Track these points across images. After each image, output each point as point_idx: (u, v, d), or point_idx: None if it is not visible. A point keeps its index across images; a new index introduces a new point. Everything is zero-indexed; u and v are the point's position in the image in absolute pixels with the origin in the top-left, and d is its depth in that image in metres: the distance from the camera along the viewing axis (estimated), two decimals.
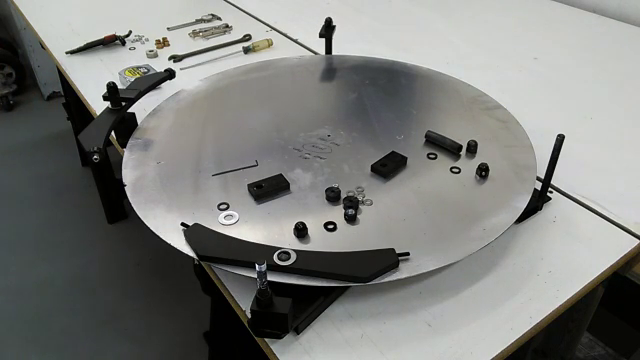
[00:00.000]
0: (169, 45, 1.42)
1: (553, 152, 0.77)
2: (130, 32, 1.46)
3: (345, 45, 1.27)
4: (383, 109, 1.03)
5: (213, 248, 0.69)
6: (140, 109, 1.00)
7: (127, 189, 0.81)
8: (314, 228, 0.73)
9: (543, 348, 1.08)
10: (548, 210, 0.87)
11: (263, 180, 0.81)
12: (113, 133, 0.96)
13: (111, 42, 1.41)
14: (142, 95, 0.98)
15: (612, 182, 0.94)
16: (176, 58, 1.34)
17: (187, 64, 1.33)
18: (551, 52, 1.39)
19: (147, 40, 1.45)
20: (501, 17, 1.63)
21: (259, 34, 1.47)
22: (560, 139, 0.75)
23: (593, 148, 1.03)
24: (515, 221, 0.76)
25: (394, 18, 1.64)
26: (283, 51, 1.40)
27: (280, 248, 0.68)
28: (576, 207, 0.88)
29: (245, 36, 1.46)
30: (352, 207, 0.75)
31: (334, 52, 1.24)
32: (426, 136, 0.92)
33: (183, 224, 0.73)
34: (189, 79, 1.15)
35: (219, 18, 1.59)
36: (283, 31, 1.52)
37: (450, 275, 0.74)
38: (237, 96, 1.08)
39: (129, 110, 0.96)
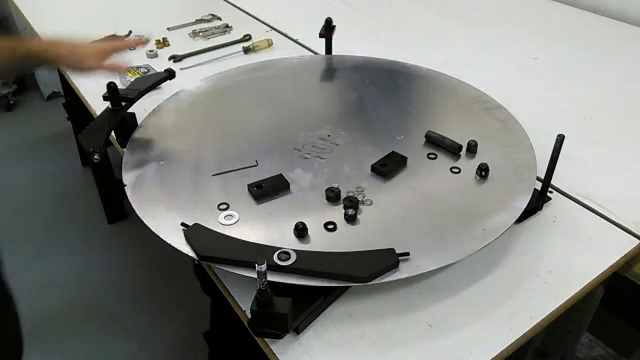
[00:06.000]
0: (169, 45, 1.42)
1: (553, 152, 0.77)
2: (130, 32, 1.46)
3: (345, 45, 1.27)
4: (383, 109, 1.03)
5: (213, 248, 0.69)
6: (140, 109, 1.00)
7: (127, 189, 0.81)
8: (314, 228, 0.73)
9: (543, 348, 1.08)
10: (548, 210, 0.87)
11: (263, 180, 0.81)
12: (113, 133, 0.96)
13: None
14: (142, 95, 0.97)
15: (612, 182, 0.94)
16: (176, 58, 1.34)
17: (187, 64, 1.33)
18: (551, 52, 1.39)
19: (147, 40, 1.44)
20: (501, 17, 1.63)
21: (259, 34, 1.47)
22: (560, 139, 0.75)
23: (593, 148, 1.02)
24: (515, 221, 0.75)
25: (394, 18, 1.64)
26: (283, 51, 1.40)
27: (280, 248, 0.68)
28: (576, 207, 0.88)
29: (245, 36, 1.46)
30: (352, 207, 0.75)
31: (334, 52, 1.24)
32: (426, 136, 0.92)
33: (183, 224, 0.73)
34: (189, 79, 1.15)
35: (219, 18, 1.59)
36: (283, 31, 1.52)
37: (450, 275, 0.74)
38: (237, 96, 1.08)
39: (129, 110, 0.96)
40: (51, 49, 0.93)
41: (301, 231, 0.72)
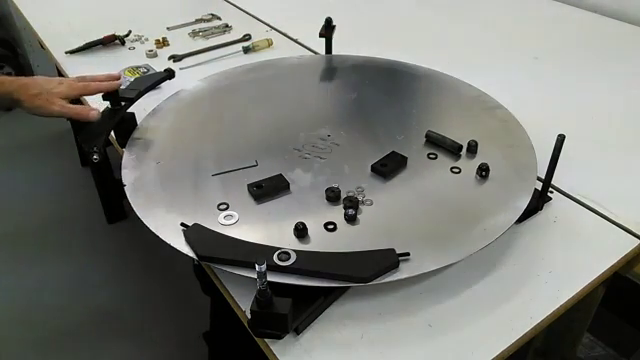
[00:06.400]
0: (169, 45, 1.42)
1: (553, 152, 0.77)
2: (130, 32, 1.46)
3: (345, 45, 1.27)
4: (383, 109, 1.02)
5: (213, 248, 0.69)
6: (140, 109, 1.00)
7: (127, 189, 0.81)
8: (314, 228, 0.73)
9: (544, 348, 1.08)
10: (548, 210, 0.86)
11: (263, 180, 0.81)
12: (113, 133, 0.96)
13: (111, 42, 1.41)
14: (142, 95, 0.97)
15: (612, 182, 0.94)
16: (176, 58, 1.34)
17: (187, 64, 1.33)
18: (551, 52, 1.39)
19: (147, 40, 1.44)
20: (501, 17, 1.63)
21: (259, 34, 1.47)
22: (560, 139, 0.75)
23: (593, 148, 1.02)
24: (515, 221, 0.75)
25: (394, 18, 1.64)
26: (283, 51, 1.39)
27: (280, 248, 0.68)
28: (576, 207, 0.88)
29: (245, 36, 1.46)
30: (352, 207, 0.75)
31: (334, 52, 1.24)
32: (426, 136, 0.92)
33: (183, 224, 0.73)
34: (189, 79, 1.15)
35: (219, 18, 1.59)
36: (283, 31, 1.52)
37: (450, 275, 0.74)
38: (237, 96, 1.08)
39: (129, 110, 0.96)
40: (21, 90, 0.88)
41: (301, 231, 0.71)
